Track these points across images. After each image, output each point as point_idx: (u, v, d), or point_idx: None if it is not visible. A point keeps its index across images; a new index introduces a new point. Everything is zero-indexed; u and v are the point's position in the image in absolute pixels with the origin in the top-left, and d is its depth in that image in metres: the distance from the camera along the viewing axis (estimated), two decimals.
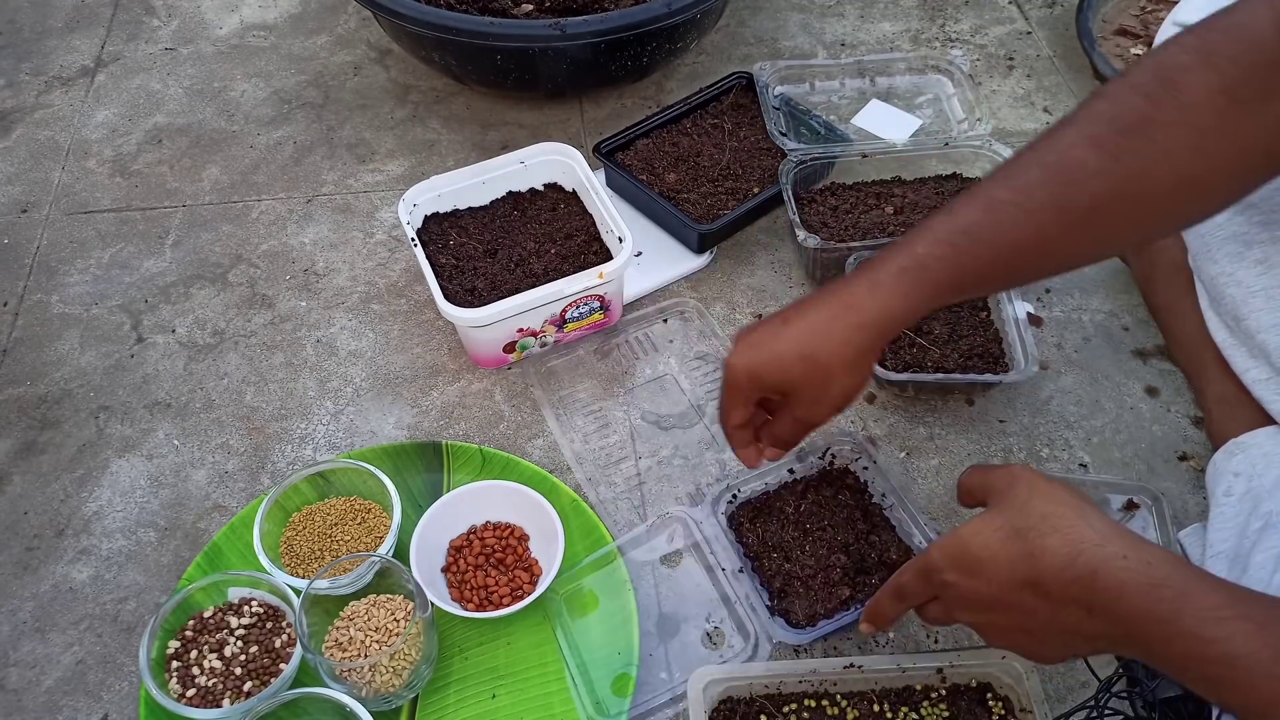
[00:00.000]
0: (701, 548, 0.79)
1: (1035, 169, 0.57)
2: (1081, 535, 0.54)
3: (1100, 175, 0.55)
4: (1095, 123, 0.56)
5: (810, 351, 0.63)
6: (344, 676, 0.68)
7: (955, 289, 0.60)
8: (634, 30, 1.04)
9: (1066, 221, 0.56)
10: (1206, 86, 0.53)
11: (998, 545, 0.56)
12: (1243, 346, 0.81)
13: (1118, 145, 0.55)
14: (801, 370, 0.64)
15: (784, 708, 0.69)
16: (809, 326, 0.63)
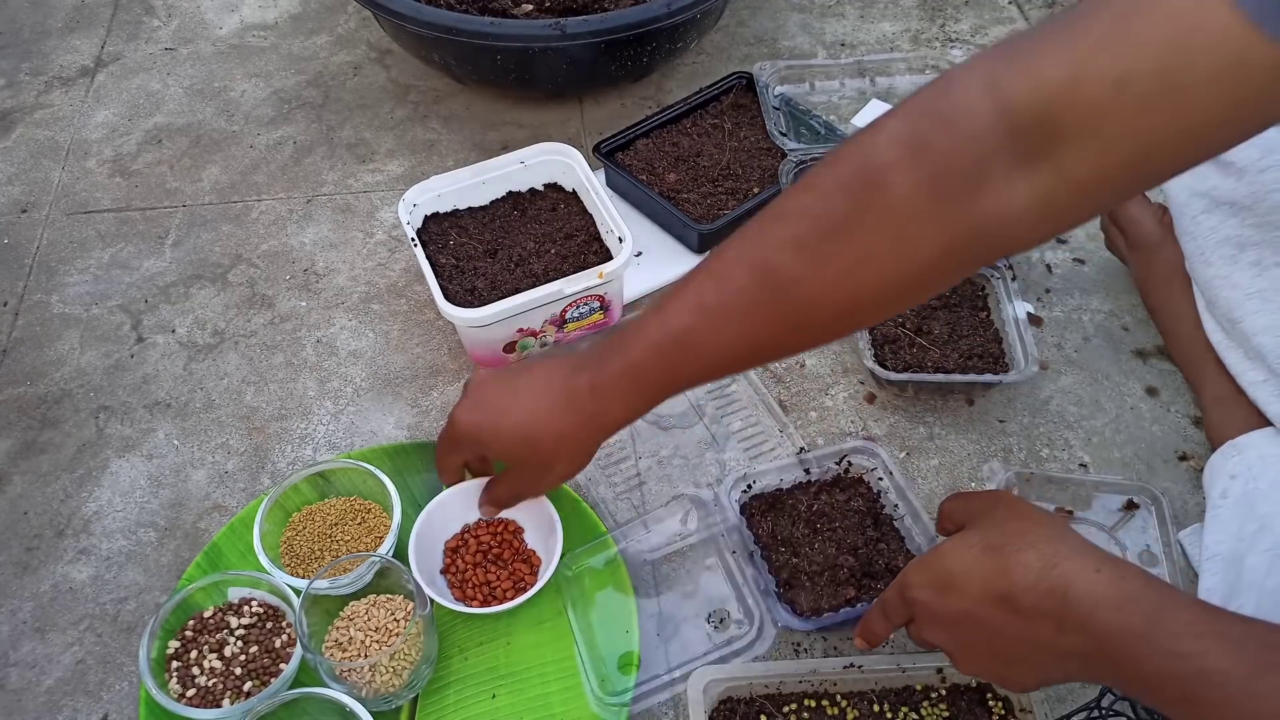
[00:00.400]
0: (713, 530, 0.80)
1: (742, 271, 0.56)
2: (1055, 550, 0.53)
3: (805, 280, 0.54)
4: (799, 222, 0.54)
5: (533, 436, 0.66)
6: (344, 676, 0.68)
7: (673, 389, 0.62)
8: (634, 30, 1.04)
9: (776, 326, 0.56)
10: (913, 183, 0.49)
11: (971, 560, 0.56)
12: (1239, 349, 0.82)
13: (818, 249, 0.53)
14: (523, 452, 0.68)
15: (784, 708, 0.70)
16: (534, 410, 0.66)
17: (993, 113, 0.47)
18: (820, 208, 0.53)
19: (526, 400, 0.66)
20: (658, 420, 0.90)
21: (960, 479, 0.86)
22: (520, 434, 0.66)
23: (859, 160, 0.52)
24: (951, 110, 0.49)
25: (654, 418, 0.90)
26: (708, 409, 0.91)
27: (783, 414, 0.90)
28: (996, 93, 0.47)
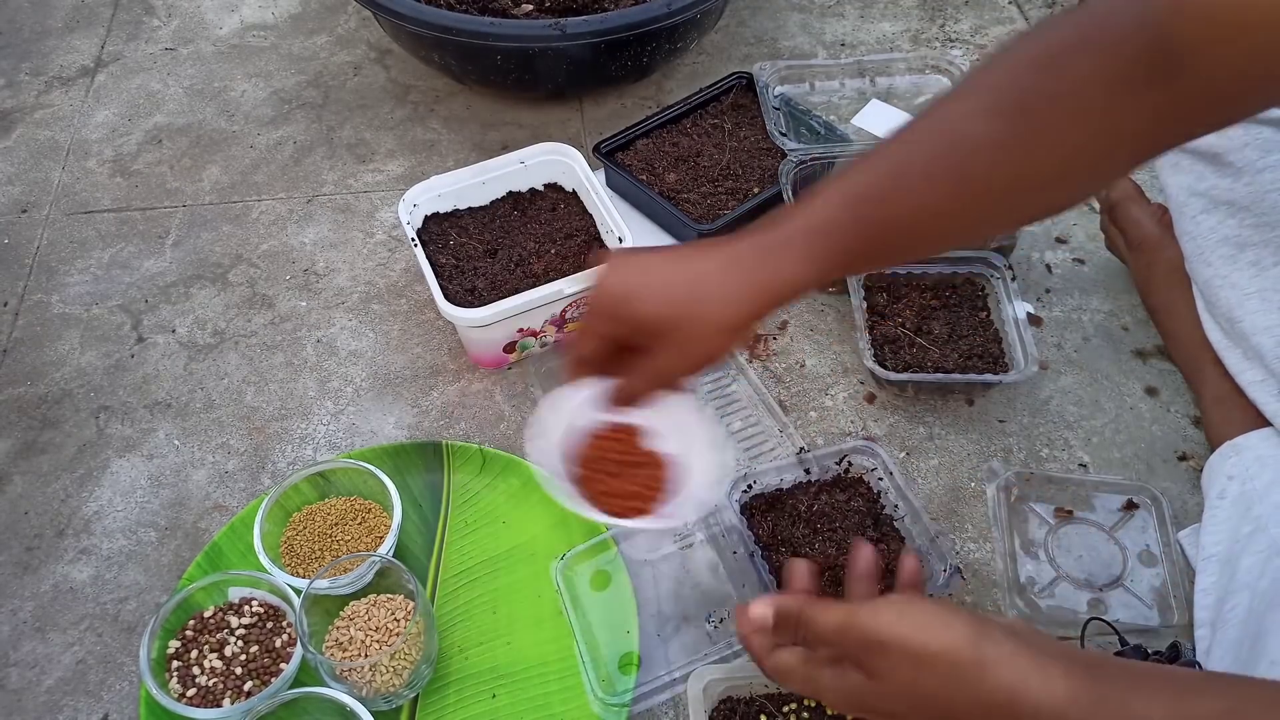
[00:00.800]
0: (713, 530, 0.80)
1: (930, 138, 0.56)
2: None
3: (995, 148, 0.54)
4: (987, 95, 0.55)
5: (701, 295, 0.58)
6: (344, 676, 0.68)
7: (858, 256, 0.58)
8: (634, 30, 1.04)
9: (960, 192, 0.55)
10: (1091, 66, 0.52)
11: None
12: (1237, 349, 0.82)
13: (1006, 119, 0.54)
14: (685, 312, 0.58)
15: (784, 707, 0.70)
16: (702, 272, 0.58)
17: (1169, 6, 0.49)
18: (1005, 81, 0.54)
19: (689, 262, 0.59)
20: None
21: (960, 479, 0.86)
22: (685, 289, 0.58)
23: (1040, 43, 0.54)
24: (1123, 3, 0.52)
25: None
26: (708, 409, 0.91)
27: (783, 414, 0.90)
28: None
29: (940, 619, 0.49)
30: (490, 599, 0.78)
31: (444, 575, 0.80)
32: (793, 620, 0.54)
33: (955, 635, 0.48)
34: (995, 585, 0.79)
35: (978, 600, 0.79)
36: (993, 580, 0.80)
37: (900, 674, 0.49)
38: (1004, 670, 0.47)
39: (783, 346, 0.96)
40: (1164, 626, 0.76)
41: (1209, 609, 0.73)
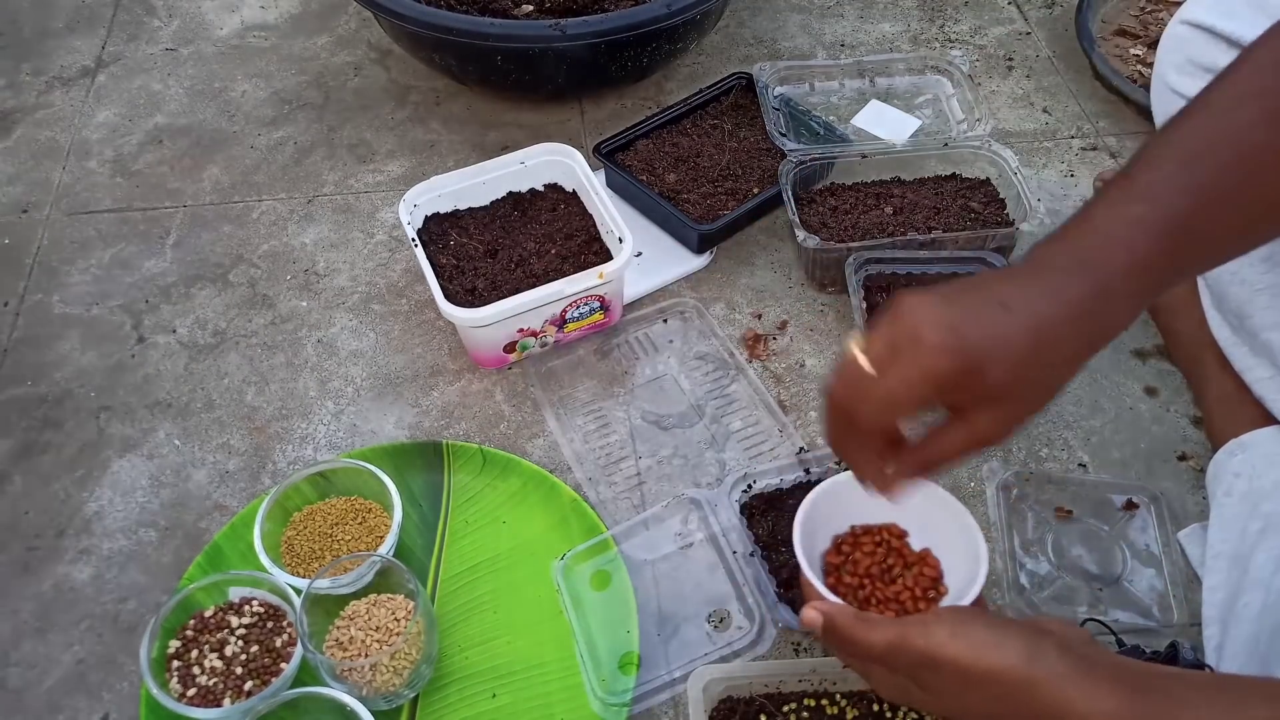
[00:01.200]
0: (713, 529, 0.80)
1: (1223, 151, 0.52)
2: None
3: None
4: (1268, 99, 0.52)
5: (1049, 358, 0.52)
6: (345, 676, 0.68)
7: (1172, 283, 0.55)
8: (634, 31, 1.05)
9: (1266, 204, 0.52)
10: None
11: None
12: (1245, 345, 0.82)
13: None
14: (1032, 376, 0.52)
15: (784, 707, 0.70)
16: (1047, 327, 0.51)
17: None
18: (1271, 84, 0.52)
19: (1025, 312, 0.51)
20: (658, 420, 0.90)
21: (960, 478, 0.86)
22: (1029, 353, 0.51)
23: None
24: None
25: (654, 418, 0.90)
26: (708, 409, 0.91)
27: (783, 414, 0.90)
28: None
29: (993, 638, 0.49)
30: (490, 599, 0.78)
31: (444, 575, 0.80)
32: (842, 635, 0.54)
33: (1007, 655, 0.49)
34: (995, 585, 0.79)
35: None
36: (992, 580, 0.80)
37: (951, 690, 0.50)
38: (1053, 689, 0.48)
39: (783, 346, 0.97)
40: (1163, 626, 0.76)
41: (1218, 606, 0.73)
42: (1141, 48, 1.27)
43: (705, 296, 1.01)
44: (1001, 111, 1.21)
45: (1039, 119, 1.20)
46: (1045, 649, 0.49)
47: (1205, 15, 0.80)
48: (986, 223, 1.00)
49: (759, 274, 1.03)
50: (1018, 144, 1.17)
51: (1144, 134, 1.18)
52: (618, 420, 0.90)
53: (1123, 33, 1.29)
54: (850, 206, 1.03)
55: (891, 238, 0.97)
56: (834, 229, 1.00)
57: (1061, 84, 1.25)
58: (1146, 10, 1.32)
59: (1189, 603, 0.77)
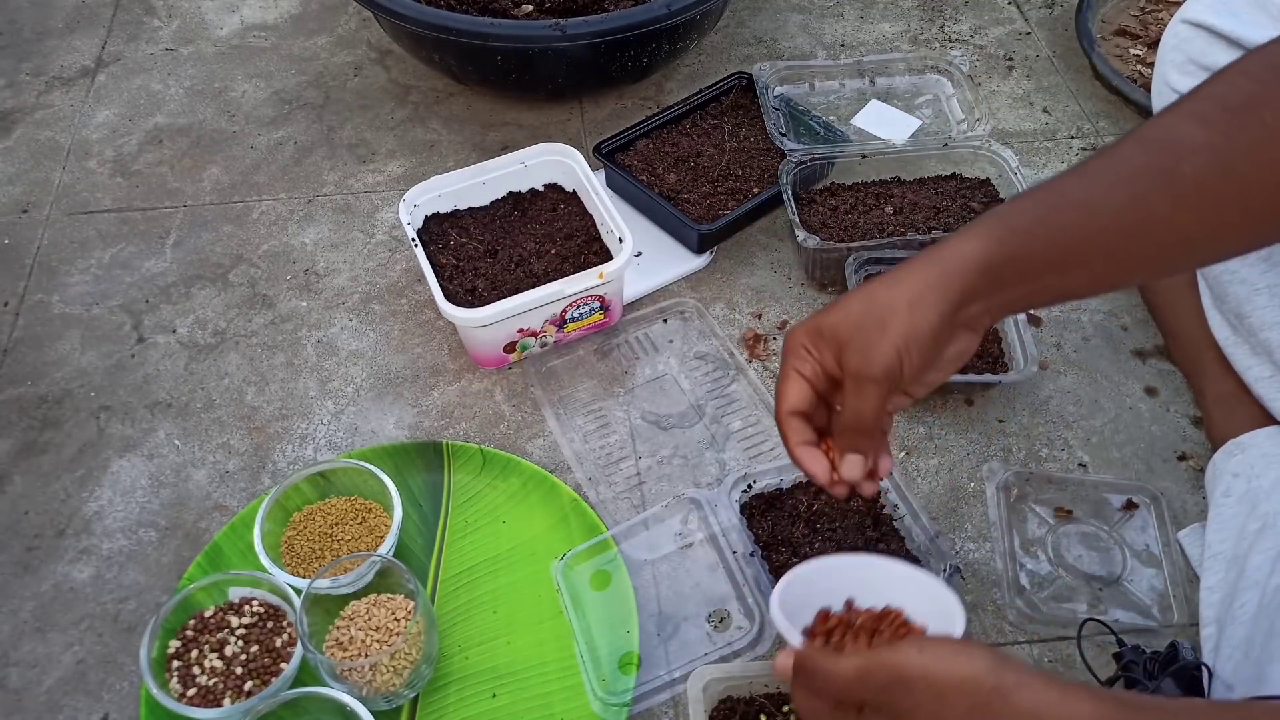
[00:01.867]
0: (713, 529, 0.80)
1: (1133, 142, 0.53)
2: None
3: (1207, 150, 0.50)
4: (1201, 101, 0.52)
5: (871, 289, 0.57)
6: (345, 676, 0.68)
7: (1035, 243, 0.54)
8: (634, 31, 1.05)
9: (1170, 196, 0.51)
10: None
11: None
12: (1245, 344, 0.82)
13: (1226, 122, 0.51)
14: (859, 309, 0.56)
15: (784, 707, 0.70)
16: (879, 280, 0.58)
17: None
18: (1222, 90, 0.52)
19: (863, 292, 0.58)
20: (658, 420, 0.90)
21: (960, 479, 0.86)
22: (853, 296, 0.57)
23: (1259, 57, 0.52)
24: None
25: (654, 418, 0.90)
26: (708, 409, 0.91)
27: None
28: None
29: (961, 651, 0.49)
30: (490, 599, 0.78)
31: (444, 575, 0.80)
32: (811, 671, 0.53)
33: (977, 664, 0.48)
34: (995, 585, 0.80)
35: (977, 600, 0.79)
36: (992, 580, 0.80)
37: (927, 707, 0.49)
38: (1026, 692, 0.47)
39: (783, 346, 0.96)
40: (1163, 626, 0.76)
41: (1215, 607, 0.73)
42: (1141, 48, 1.27)
43: (705, 296, 1.01)
44: (1001, 111, 1.21)
45: (1039, 119, 1.20)
46: (1012, 661, 0.49)
47: (1206, 14, 0.80)
48: None
49: (759, 274, 1.03)
50: (1018, 144, 1.17)
51: None
52: (618, 420, 0.90)
53: (1123, 33, 1.29)
54: (850, 206, 1.03)
55: (891, 238, 0.97)
56: (834, 229, 1.00)
57: (1061, 84, 1.25)
58: (1146, 10, 1.32)
59: (1189, 603, 0.77)
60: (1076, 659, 0.74)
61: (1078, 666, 0.74)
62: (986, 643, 0.51)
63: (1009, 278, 0.55)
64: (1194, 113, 0.52)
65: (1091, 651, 0.74)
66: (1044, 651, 0.76)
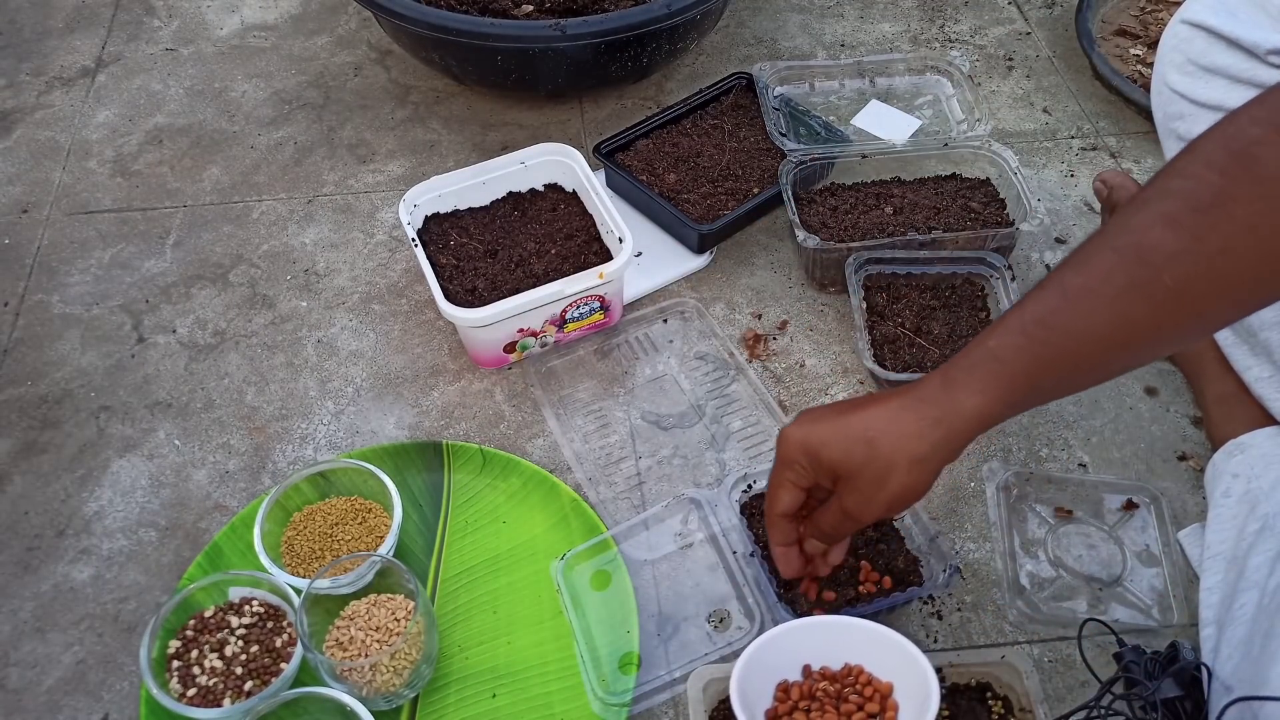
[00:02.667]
0: (713, 529, 0.80)
1: (1108, 254, 0.54)
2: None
3: (1181, 255, 0.51)
4: (1168, 201, 0.53)
5: (875, 435, 0.59)
6: (345, 676, 0.68)
7: (1034, 385, 0.56)
8: (634, 31, 1.05)
9: (1151, 307, 0.53)
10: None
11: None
12: (1244, 344, 0.82)
13: (1196, 224, 0.51)
14: (862, 454, 0.59)
15: None
16: (878, 413, 0.59)
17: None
18: (1189, 187, 0.52)
19: (867, 406, 0.60)
20: (658, 420, 0.90)
21: (960, 479, 0.86)
22: (860, 431, 0.59)
23: (1222, 141, 0.52)
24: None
25: (654, 418, 0.90)
26: (708, 409, 0.91)
27: (783, 414, 0.90)
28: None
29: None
30: (490, 599, 0.78)
31: (444, 575, 0.80)
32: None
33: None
34: (995, 585, 0.80)
35: (978, 600, 0.79)
36: (992, 580, 0.80)
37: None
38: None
39: (783, 346, 0.97)
40: (1163, 626, 0.76)
41: (1214, 608, 0.73)
42: (1141, 48, 1.27)
43: (705, 296, 1.01)
44: (1001, 111, 1.21)
45: (1039, 119, 1.20)
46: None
47: (1205, 15, 0.80)
48: (986, 223, 1.00)
49: (759, 274, 1.03)
50: (1018, 144, 1.17)
51: (1144, 134, 1.18)
52: (618, 420, 0.90)
53: (1123, 33, 1.29)
54: (850, 206, 1.03)
55: (891, 238, 0.97)
56: (834, 229, 1.00)
57: (1061, 84, 1.25)
58: (1146, 10, 1.32)
59: (1189, 603, 0.77)
60: (1076, 659, 0.74)
61: (1078, 666, 0.74)
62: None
63: (1005, 419, 0.58)
64: (1164, 215, 0.52)
65: (1091, 651, 0.75)
66: (1044, 651, 0.76)
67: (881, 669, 0.63)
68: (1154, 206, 0.53)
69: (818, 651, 0.65)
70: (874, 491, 0.60)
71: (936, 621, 0.78)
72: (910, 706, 0.61)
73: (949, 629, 0.77)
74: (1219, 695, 0.67)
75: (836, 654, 0.64)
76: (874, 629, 0.63)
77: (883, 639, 0.63)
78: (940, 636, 0.77)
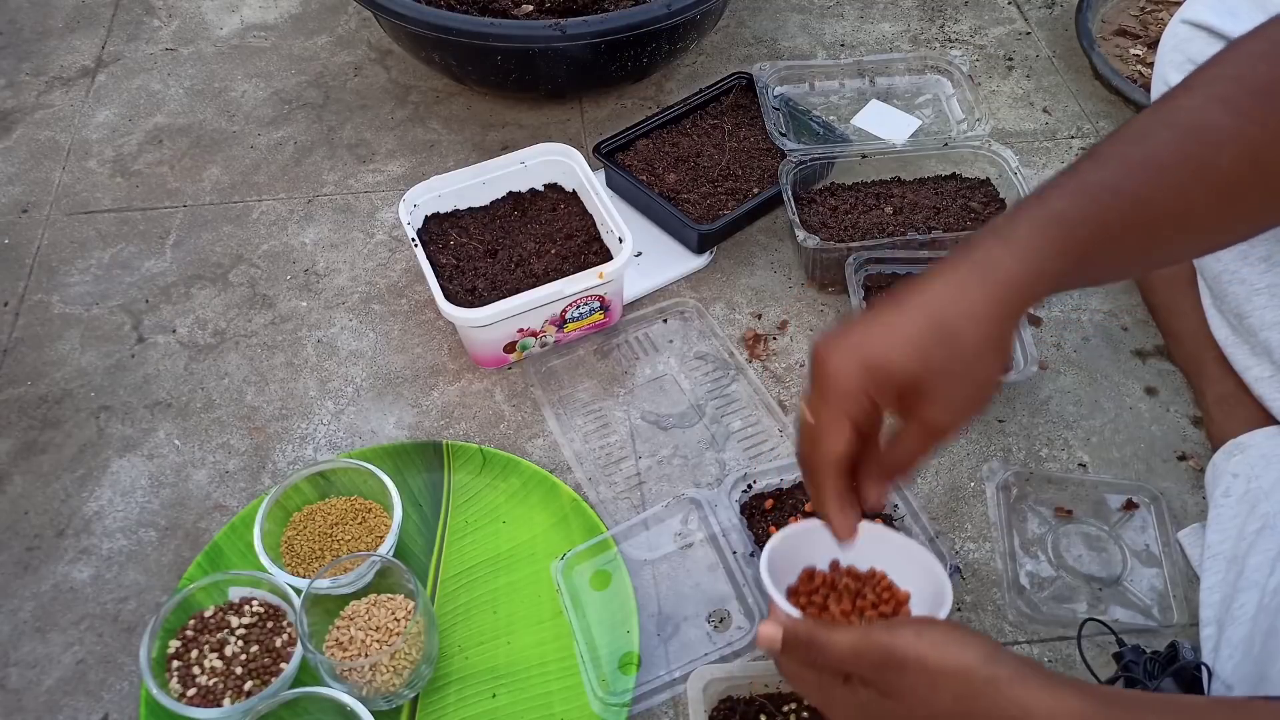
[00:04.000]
0: (713, 529, 0.80)
1: (1164, 130, 0.52)
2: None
3: (1238, 138, 0.50)
4: (1220, 85, 0.52)
5: (947, 321, 0.50)
6: (345, 676, 0.68)
7: (1099, 253, 0.51)
8: (634, 31, 1.05)
9: (1210, 185, 0.51)
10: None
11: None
12: (1245, 344, 0.82)
13: (1253, 108, 0.50)
14: (943, 354, 0.50)
15: (784, 707, 0.70)
16: (943, 295, 0.51)
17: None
18: (1242, 73, 0.51)
19: (919, 292, 0.52)
20: (658, 420, 0.90)
21: (960, 478, 0.86)
22: (928, 324, 0.50)
23: (1271, 37, 0.52)
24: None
25: (654, 418, 0.90)
26: (708, 409, 0.91)
27: (783, 414, 0.90)
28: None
29: (957, 638, 0.49)
30: (490, 599, 0.78)
31: (444, 575, 0.80)
32: (802, 643, 0.53)
33: (971, 654, 0.48)
34: (995, 585, 0.80)
35: (978, 600, 0.79)
36: (992, 580, 0.80)
37: (917, 692, 0.49)
38: (1017, 687, 0.47)
39: (783, 346, 0.97)
40: (1163, 626, 0.76)
41: (1215, 607, 0.73)
42: (1141, 48, 1.27)
43: (705, 296, 1.01)
44: (1001, 111, 1.21)
45: (1039, 119, 1.20)
46: (1004, 652, 0.49)
47: (1206, 14, 0.80)
48: (986, 222, 1.00)
49: (759, 274, 1.03)
50: (1018, 144, 1.17)
51: None
52: (618, 420, 0.90)
53: (1123, 33, 1.29)
54: (850, 206, 1.03)
55: (891, 238, 0.97)
56: (834, 229, 1.00)
57: (1061, 84, 1.25)
58: (1146, 10, 1.32)
59: (1189, 603, 0.77)
60: (1076, 659, 0.74)
61: (1078, 666, 0.74)
62: (980, 632, 0.51)
63: (1064, 290, 0.54)
64: (1219, 97, 0.51)
65: (1091, 651, 0.75)
66: (1044, 651, 0.76)
67: (903, 579, 0.63)
68: (1205, 90, 0.52)
69: (850, 550, 0.61)
70: (964, 391, 0.51)
71: None
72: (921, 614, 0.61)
73: None
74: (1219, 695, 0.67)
75: (864, 557, 0.63)
76: (905, 542, 0.63)
77: (911, 552, 0.62)
78: None
